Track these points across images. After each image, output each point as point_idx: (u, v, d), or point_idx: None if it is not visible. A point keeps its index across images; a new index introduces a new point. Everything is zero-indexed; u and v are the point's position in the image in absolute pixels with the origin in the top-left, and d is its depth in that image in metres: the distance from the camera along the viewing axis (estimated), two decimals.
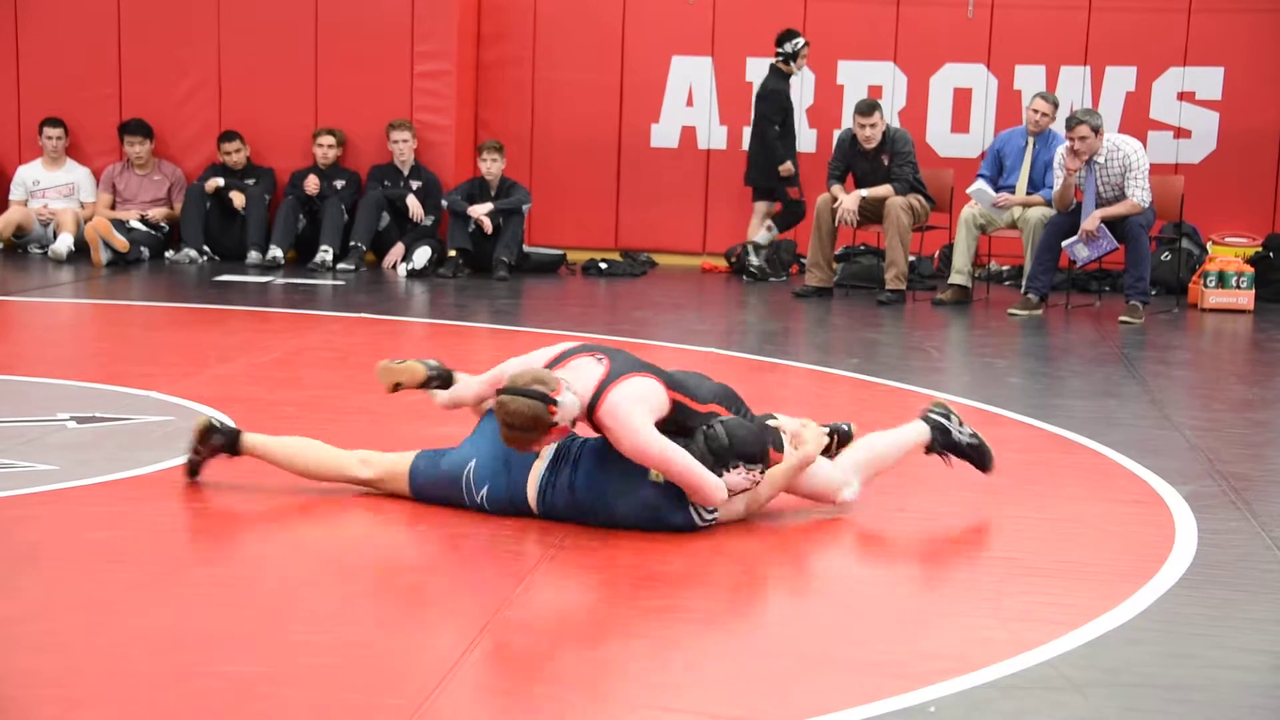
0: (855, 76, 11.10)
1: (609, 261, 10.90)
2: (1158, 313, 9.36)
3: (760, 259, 10.56)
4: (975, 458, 4.67)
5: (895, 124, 10.33)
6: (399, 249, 10.44)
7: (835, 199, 9.70)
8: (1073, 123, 8.98)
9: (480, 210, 10.31)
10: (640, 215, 11.39)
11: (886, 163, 9.69)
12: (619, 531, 4.18)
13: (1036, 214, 9.48)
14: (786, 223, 10.69)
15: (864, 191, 9.66)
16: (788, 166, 10.40)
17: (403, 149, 10.55)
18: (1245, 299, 9.59)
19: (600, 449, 4.18)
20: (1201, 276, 9.75)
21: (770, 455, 4.17)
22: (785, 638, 3.47)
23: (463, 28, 10.93)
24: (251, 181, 10.68)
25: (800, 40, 10.39)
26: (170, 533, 4.14)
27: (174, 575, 3.80)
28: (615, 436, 4.06)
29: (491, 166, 10.43)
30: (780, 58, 10.41)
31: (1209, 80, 10.83)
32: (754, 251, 10.57)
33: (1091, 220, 9.00)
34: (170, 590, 3.68)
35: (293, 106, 10.86)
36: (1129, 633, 3.51)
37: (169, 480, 4.51)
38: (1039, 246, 9.26)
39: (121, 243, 10.14)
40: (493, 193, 10.47)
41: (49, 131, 10.75)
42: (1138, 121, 10.72)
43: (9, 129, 11.02)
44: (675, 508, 4.11)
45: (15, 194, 10.77)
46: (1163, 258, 10.26)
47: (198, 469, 4.44)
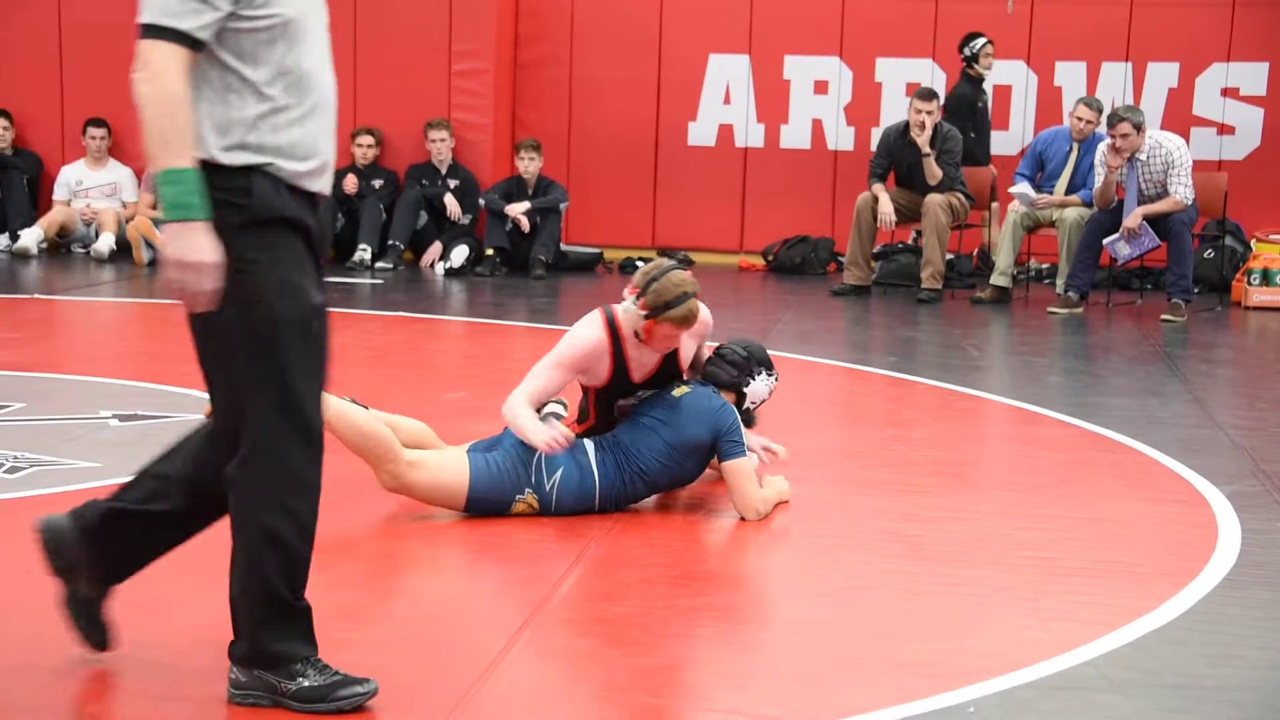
0: (893, 74, 11.05)
1: (646, 259, 10.87)
2: (1200, 311, 9.28)
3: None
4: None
5: None
6: (437, 248, 10.47)
7: (875, 198, 9.65)
8: (1114, 120, 8.91)
9: (517, 209, 10.33)
10: (677, 213, 11.38)
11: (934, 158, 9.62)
12: (656, 532, 4.18)
13: (1073, 214, 9.41)
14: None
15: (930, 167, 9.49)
16: (990, 170, 10.20)
17: (440, 148, 10.58)
18: None
19: (636, 431, 4.29)
20: (1245, 274, 9.66)
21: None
22: (823, 637, 3.46)
23: (500, 27, 10.95)
24: None
25: (980, 40, 10.18)
26: (212, 529, 4.16)
27: (217, 573, 3.82)
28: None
29: (529, 165, 10.45)
30: (965, 62, 10.24)
31: (1253, 76, 10.72)
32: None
33: (1133, 218, 8.93)
34: (213, 588, 3.70)
35: None
36: (1171, 633, 3.48)
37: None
38: (1079, 244, 9.20)
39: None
40: (530, 191, 10.49)
41: (92, 132, 10.84)
42: (1180, 118, 10.62)
43: (53, 130, 11.12)
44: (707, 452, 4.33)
45: (59, 194, 10.87)
46: (1205, 255, 10.17)
47: None
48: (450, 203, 10.53)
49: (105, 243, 10.37)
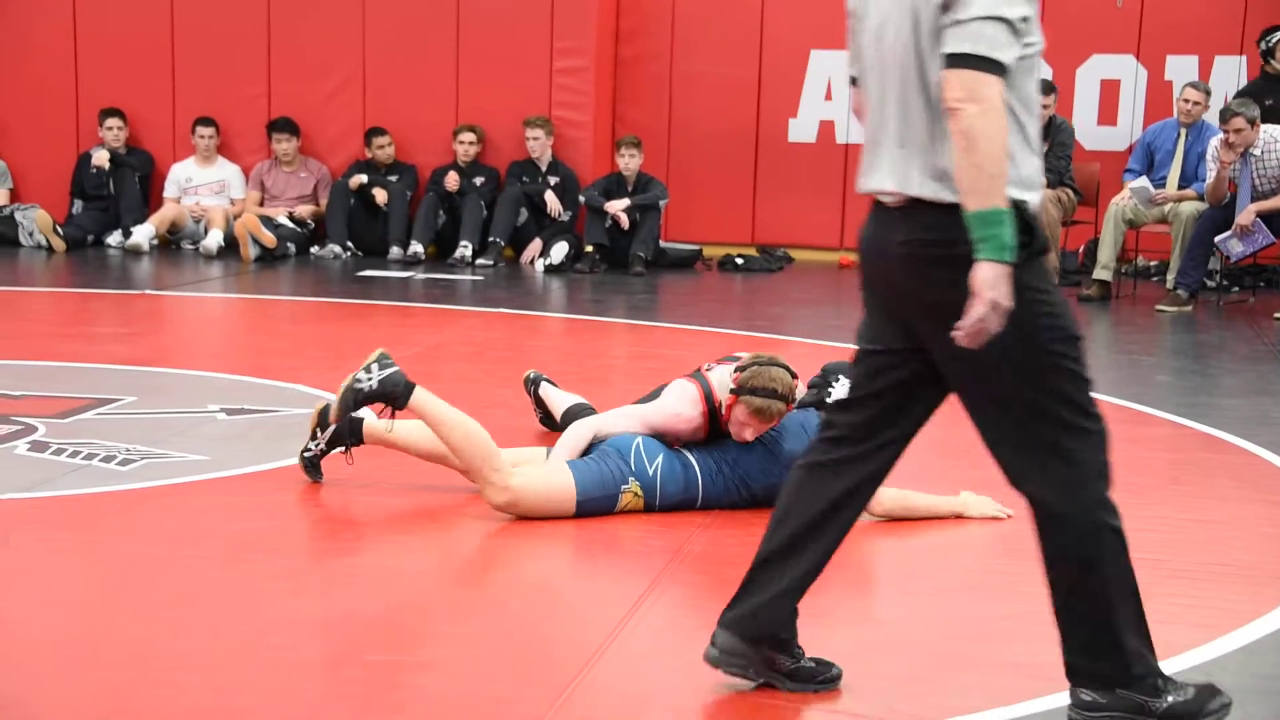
0: None
1: (745, 257, 10.86)
2: None
3: None
4: None
5: None
6: (537, 244, 10.52)
7: None
8: (1227, 114, 8.73)
9: (617, 206, 10.35)
10: (777, 210, 11.33)
11: (1045, 150, 9.51)
12: (756, 530, 4.16)
13: (1189, 209, 9.23)
14: None
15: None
16: None
17: (535, 146, 10.62)
18: None
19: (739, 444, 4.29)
20: None
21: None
22: (925, 637, 3.42)
23: (601, 24, 10.98)
24: (394, 178, 10.86)
25: (1276, 35, 9.84)
26: (314, 523, 4.22)
27: (316, 565, 3.88)
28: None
29: (629, 162, 10.46)
30: (1263, 56, 9.90)
31: None
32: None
33: (1246, 214, 8.74)
34: (312, 579, 3.75)
35: (434, 104, 11.01)
36: None
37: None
38: (1191, 241, 9.02)
39: (269, 239, 10.38)
40: (630, 188, 10.51)
41: (201, 130, 11.04)
42: None
43: (164, 129, 11.35)
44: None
45: (169, 191, 11.09)
46: None
47: (319, 460, 4.43)
48: (550, 199, 10.58)
49: (214, 239, 10.56)
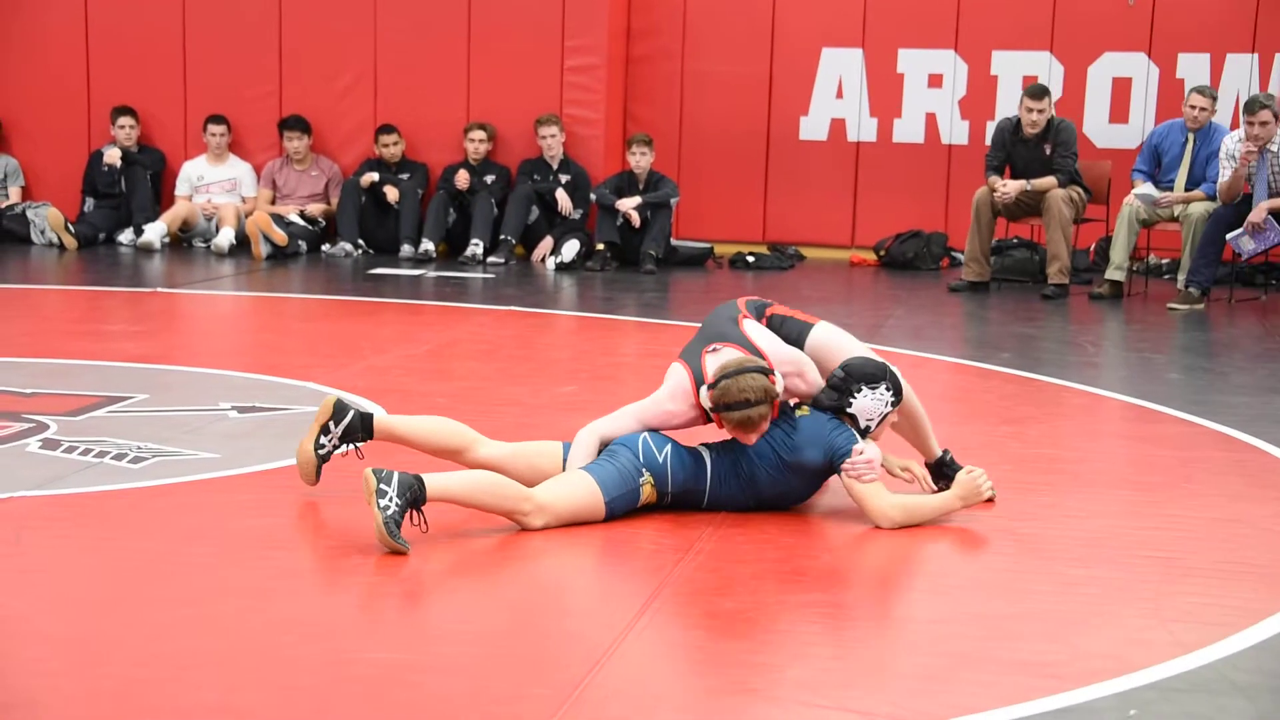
0: (1010, 67, 10.88)
1: (756, 255, 10.85)
2: None
3: None
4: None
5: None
6: (548, 242, 10.52)
7: (994, 191, 9.53)
8: (1255, 106, 8.69)
9: (628, 204, 10.35)
10: (788, 208, 11.32)
11: (1048, 153, 9.50)
12: (767, 528, 4.16)
13: (1199, 209, 9.20)
14: None
15: (1028, 183, 9.45)
16: None
17: (552, 144, 10.63)
18: None
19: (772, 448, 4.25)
20: None
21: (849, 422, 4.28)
22: (936, 635, 3.41)
23: (613, 22, 10.98)
24: (405, 176, 10.87)
25: None
26: (324, 521, 4.23)
27: (326, 563, 3.88)
28: (829, 362, 4.34)
29: (640, 160, 10.46)
30: None
31: None
32: None
33: (1258, 212, 8.71)
34: (322, 577, 3.76)
35: (445, 102, 11.02)
36: None
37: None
38: (1202, 239, 8.99)
39: (280, 236, 10.40)
40: (641, 186, 10.50)
41: (212, 128, 11.06)
42: None
43: (175, 127, 11.36)
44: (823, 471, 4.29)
45: (181, 189, 11.11)
46: None
47: (326, 460, 4.36)
48: (562, 198, 10.58)
49: (225, 237, 10.58)
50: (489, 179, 10.75)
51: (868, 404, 4.26)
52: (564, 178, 10.68)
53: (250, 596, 3.52)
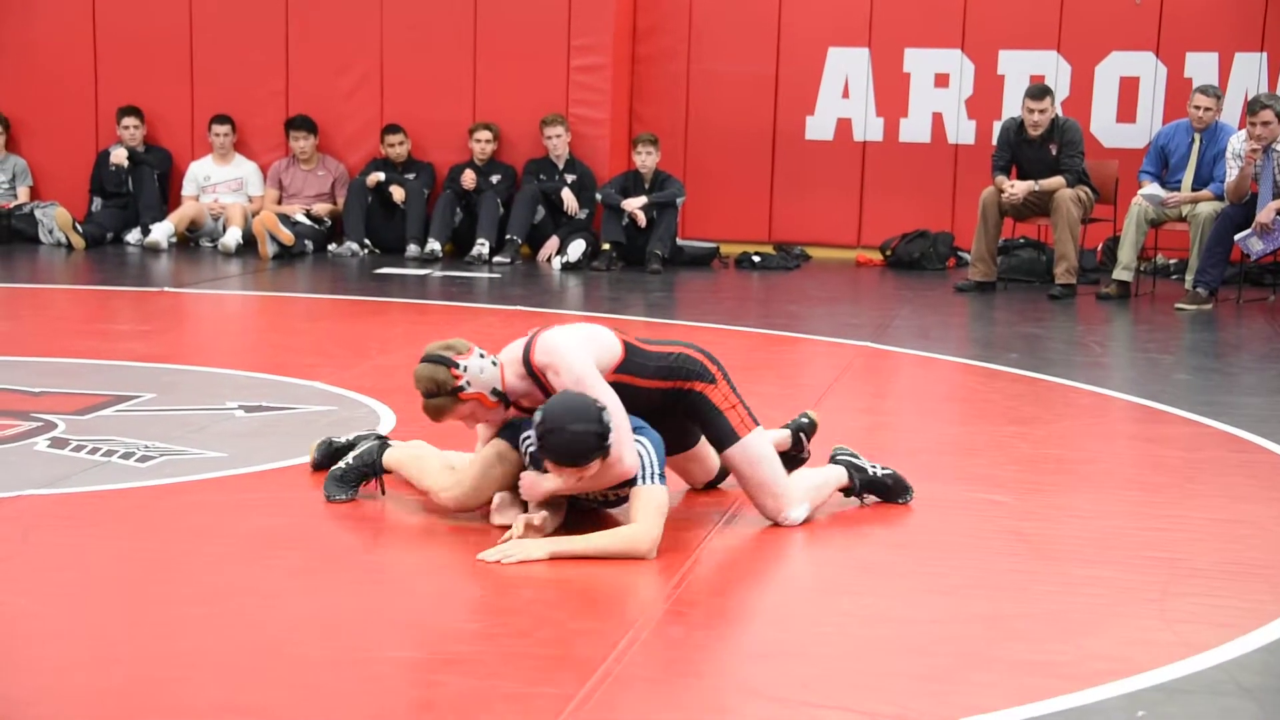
0: (1017, 66, 10.88)
1: (762, 254, 10.85)
2: None
3: None
4: (895, 490, 4.42)
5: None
6: (554, 242, 10.53)
7: (1001, 191, 9.53)
8: (1257, 106, 8.69)
9: (634, 204, 10.35)
10: (794, 208, 11.33)
11: (1054, 153, 9.50)
12: (773, 529, 4.16)
13: (1207, 209, 9.20)
14: None
15: (1036, 184, 9.45)
16: None
17: (558, 144, 10.64)
18: None
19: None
20: None
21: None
22: (941, 636, 3.41)
23: (619, 22, 10.98)
24: (411, 176, 10.88)
25: None
26: (333, 520, 4.23)
27: (336, 562, 3.88)
28: (555, 371, 3.93)
29: (646, 160, 10.46)
30: None
31: None
32: None
33: (1266, 212, 8.70)
34: (332, 576, 3.76)
35: (451, 101, 11.03)
36: None
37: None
38: (1210, 239, 8.99)
39: (287, 236, 10.41)
40: (646, 186, 10.51)
41: (218, 128, 11.07)
42: None
43: (182, 126, 11.38)
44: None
45: (188, 189, 11.13)
46: None
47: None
48: (567, 197, 10.59)
49: (232, 237, 10.60)
50: (495, 179, 10.76)
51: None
52: (569, 177, 10.69)
53: (259, 595, 3.53)
